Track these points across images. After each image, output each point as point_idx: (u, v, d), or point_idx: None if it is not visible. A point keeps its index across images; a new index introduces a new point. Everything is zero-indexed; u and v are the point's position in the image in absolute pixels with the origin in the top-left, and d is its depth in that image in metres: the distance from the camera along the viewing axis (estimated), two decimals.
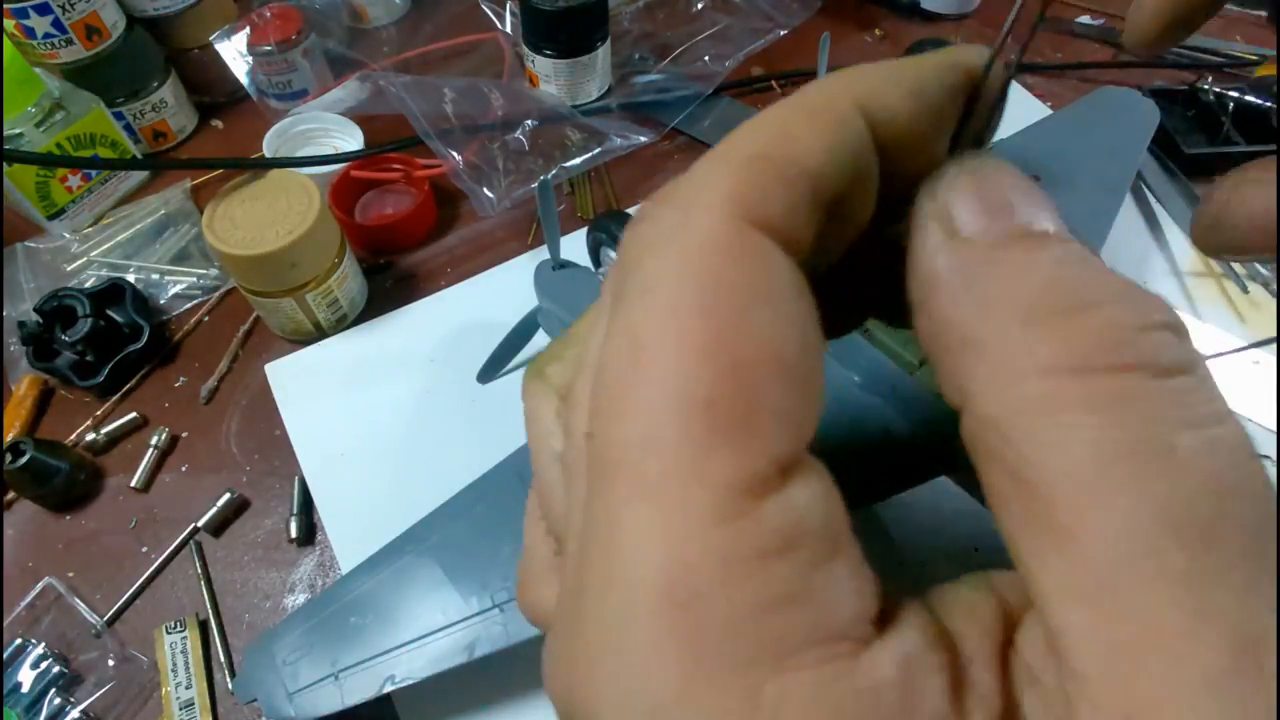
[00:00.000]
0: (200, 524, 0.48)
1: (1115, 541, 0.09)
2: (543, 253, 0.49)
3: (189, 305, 0.58)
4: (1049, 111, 0.68)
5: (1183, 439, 0.09)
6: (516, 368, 0.52)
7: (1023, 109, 0.67)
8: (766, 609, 0.09)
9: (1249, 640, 0.08)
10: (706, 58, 0.70)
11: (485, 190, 0.60)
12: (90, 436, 0.51)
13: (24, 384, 0.54)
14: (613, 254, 0.40)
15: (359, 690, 0.36)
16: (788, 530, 0.10)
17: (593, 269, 0.49)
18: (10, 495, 0.50)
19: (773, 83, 0.72)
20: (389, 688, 0.36)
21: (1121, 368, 0.09)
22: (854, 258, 0.13)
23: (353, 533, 0.46)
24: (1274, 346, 0.53)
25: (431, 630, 0.37)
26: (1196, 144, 0.63)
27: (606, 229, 0.40)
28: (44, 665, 0.43)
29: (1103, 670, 0.09)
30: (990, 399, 0.10)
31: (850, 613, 0.09)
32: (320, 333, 0.55)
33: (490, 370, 0.52)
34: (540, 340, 0.52)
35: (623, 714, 0.10)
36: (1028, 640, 0.10)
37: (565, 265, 0.47)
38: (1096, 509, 0.09)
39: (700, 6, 0.74)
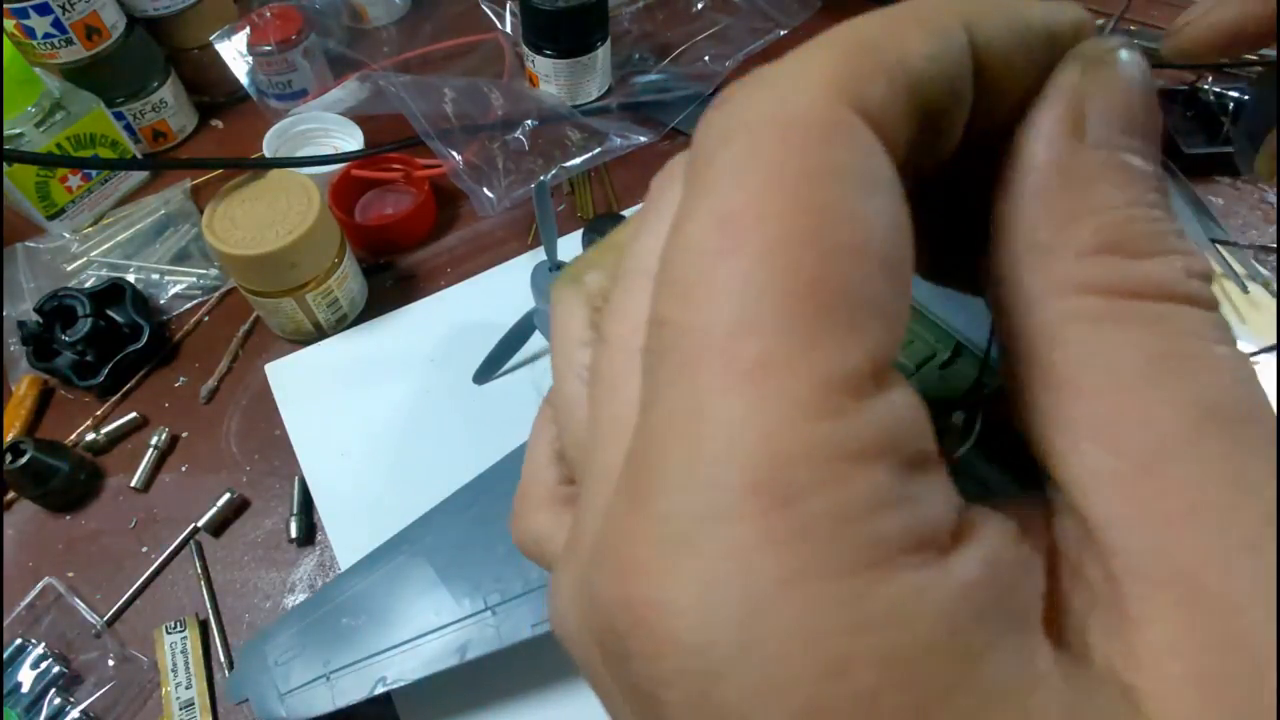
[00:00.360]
0: (200, 524, 0.48)
1: (1158, 428, 0.10)
2: (543, 253, 0.49)
3: (189, 305, 0.58)
4: None
5: (1219, 349, 0.10)
6: (512, 369, 0.52)
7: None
8: (868, 511, 0.09)
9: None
10: (706, 58, 0.70)
11: (485, 190, 0.60)
12: (90, 436, 0.51)
13: (24, 384, 0.54)
14: None
15: (351, 691, 0.36)
16: (886, 434, 0.09)
17: None
18: (10, 495, 0.50)
19: None
20: (380, 689, 0.36)
21: (1173, 298, 0.11)
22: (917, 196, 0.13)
23: (353, 533, 0.46)
24: (1273, 349, 0.53)
25: (424, 632, 0.37)
26: (1196, 144, 0.63)
27: (602, 231, 0.40)
28: (44, 665, 0.43)
29: (1147, 544, 0.10)
30: (1050, 304, 0.11)
31: (940, 519, 0.09)
32: (320, 333, 0.55)
33: (486, 371, 0.52)
34: (537, 343, 0.52)
35: (711, 619, 0.09)
36: (1061, 536, 0.11)
37: (562, 266, 0.48)
38: (1141, 401, 0.10)
39: (700, 6, 0.74)
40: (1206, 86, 0.64)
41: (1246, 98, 0.55)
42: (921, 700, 0.08)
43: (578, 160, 0.63)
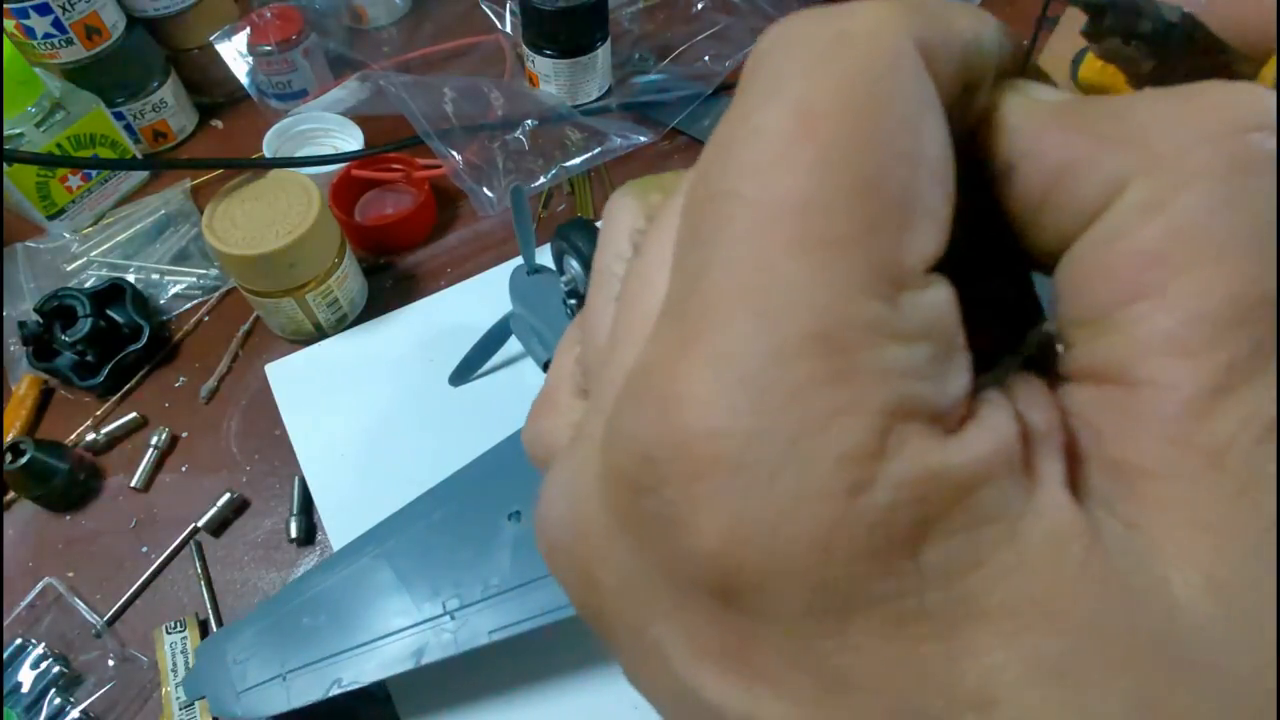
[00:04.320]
0: (200, 524, 0.48)
1: (1224, 302, 0.10)
2: (542, 253, 0.49)
3: (189, 305, 0.58)
4: None
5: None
6: (488, 373, 0.53)
7: None
8: (901, 376, 0.10)
9: None
10: (706, 58, 0.70)
11: (485, 190, 0.60)
12: (90, 436, 0.51)
13: (24, 384, 0.54)
14: (575, 264, 0.40)
15: (306, 691, 0.36)
16: (925, 324, 0.10)
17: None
18: (10, 495, 0.50)
19: None
20: (336, 690, 0.36)
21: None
22: None
23: (353, 533, 0.46)
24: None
25: (382, 635, 0.37)
26: None
27: (568, 238, 0.40)
28: (44, 665, 0.43)
29: (1190, 408, 0.10)
30: (1096, 255, 0.11)
31: (957, 398, 0.10)
32: (320, 333, 0.55)
33: (462, 374, 0.52)
34: (512, 347, 0.52)
35: (759, 441, 0.10)
36: (1079, 407, 0.11)
37: (539, 270, 0.48)
38: (1218, 273, 0.10)
39: (700, 6, 0.74)
40: None
41: None
42: (926, 515, 0.10)
43: (578, 160, 0.63)
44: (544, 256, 0.48)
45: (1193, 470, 0.10)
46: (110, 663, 0.44)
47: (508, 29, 0.72)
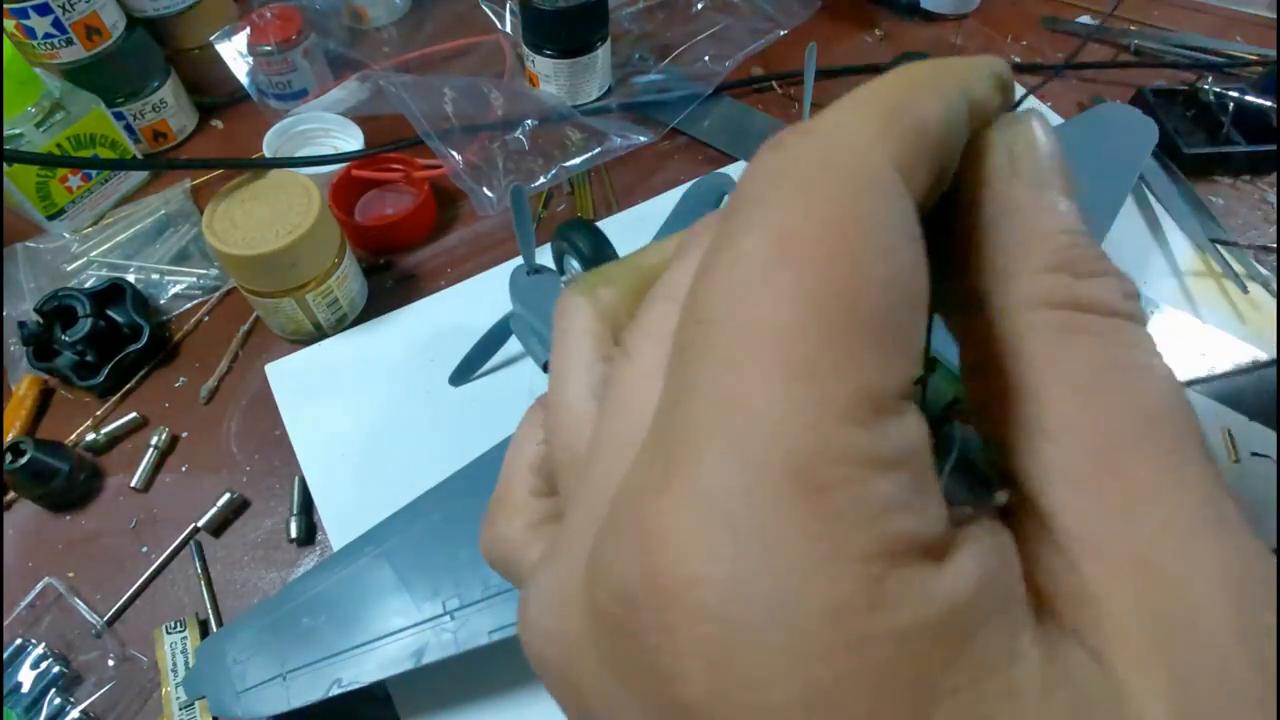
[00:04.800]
0: (200, 524, 0.48)
1: (1107, 429, 0.11)
2: (542, 253, 0.49)
3: (189, 305, 0.58)
4: (1049, 111, 0.68)
5: (1155, 360, 0.12)
6: (488, 373, 0.53)
7: (1022, 109, 0.67)
8: (885, 511, 0.10)
9: (1213, 499, 0.11)
10: (706, 58, 0.70)
11: (485, 190, 0.60)
12: (90, 436, 0.51)
13: (24, 384, 0.54)
14: (576, 264, 0.40)
15: (306, 692, 0.36)
16: (903, 450, 0.10)
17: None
18: (10, 495, 0.50)
19: (773, 83, 0.72)
20: (336, 691, 0.36)
21: (1115, 314, 0.12)
22: None
23: (353, 533, 0.46)
24: (1273, 353, 0.53)
25: (382, 635, 0.37)
26: (1196, 144, 0.63)
27: (568, 238, 0.40)
28: (44, 665, 0.43)
29: (1104, 529, 0.11)
30: (1010, 319, 0.13)
31: (940, 527, 0.11)
32: (320, 333, 0.55)
33: (462, 374, 0.52)
34: (512, 347, 0.52)
35: (743, 592, 0.09)
36: (1021, 527, 0.12)
37: (539, 270, 0.48)
38: (1092, 405, 0.12)
39: (700, 6, 0.74)
40: (1206, 86, 0.64)
41: None
42: (926, 671, 0.09)
43: (578, 160, 0.63)
44: (544, 256, 0.48)
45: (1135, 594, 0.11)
46: (110, 663, 0.44)
47: (508, 29, 0.72)
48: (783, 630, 0.09)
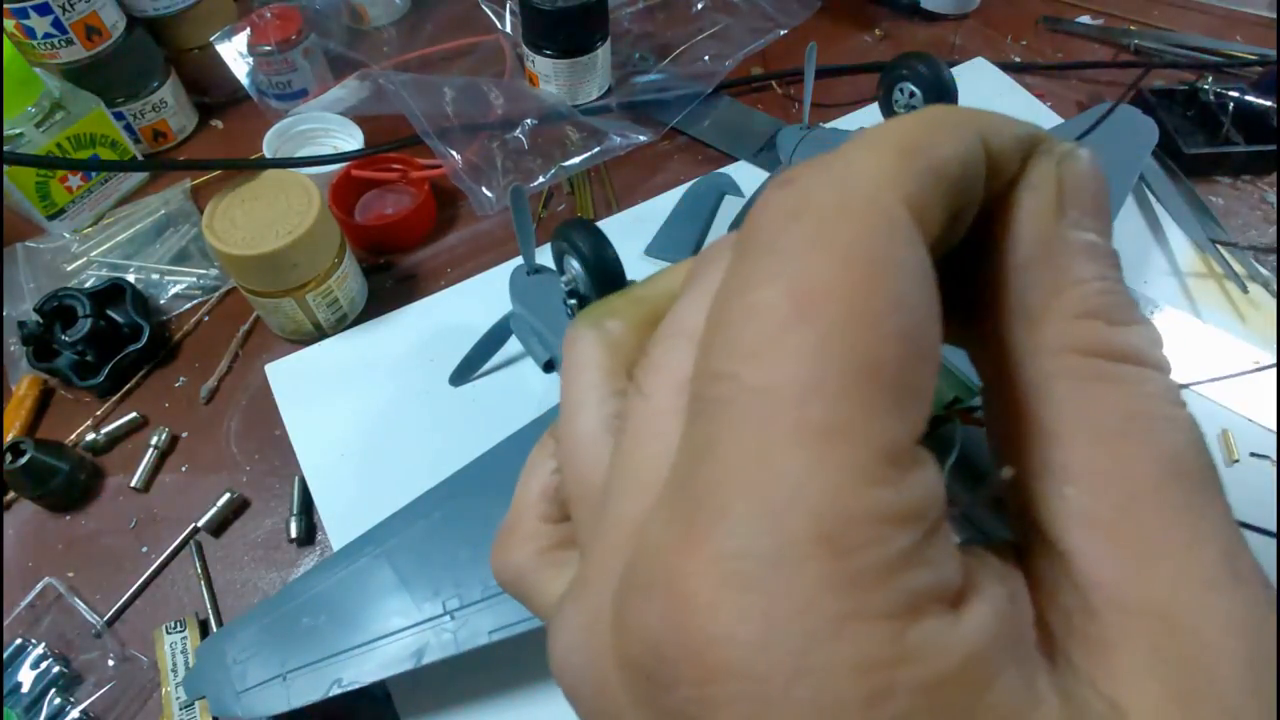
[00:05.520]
0: (200, 524, 0.48)
1: (1131, 478, 0.11)
2: (542, 253, 0.49)
3: (189, 305, 0.58)
4: (1048, 111, 0.68)
5: (1179, 411, 0.12)
6: (488, 373, 0.53)
7: (1022, 109, 0.67)
8: (904, 567, 0.10)
9: (1230, 553, 0.11)
10: (706, 58, 0.70)
11: (485, 190, 0.60)
12: (90, 436, 0.51)
13: (24, 384, 0.54)
14: (575, 264, 0.40)
15: (306, 692, 0.36)
16: (921, 503, 0.11)
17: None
18: (10, 495, 0.50)
19: (772, 83, 0.72)
20: (336, 690, 0.36)
21: (1143, 363, 0.12)
22: None
23: (353, 533, 0.46)
24: (1272, 356, 0.53)
25: (382, 635, 0.37)
26: (1196, 144, 0.63)
27: (568, 238, 0.40)
28: (44, 665, 0.43)
29: (1121, 577, 0.11)
30: (1039, 362, 0.13)
31: (953, 574, 0.11)
32: (320, 333, 0.55)
33: (463, 374, 0.52)
34: (512, 347, 0.52)
35: (771, 651, 0.10)
36: (1036, 570, 0.12)
37: (539, 270, 0.48)
38: (1117, 453, 0.12)
39: (700, 6, 0.74)
40: (1206, 86, 0.64)
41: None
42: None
43: (577, 160, 0.63)
44: (544, 256, 0.48)
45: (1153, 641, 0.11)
46: (110, 663, 0.44)
47: (508, 29, 0.72)
48: (811, 686, 0.10)
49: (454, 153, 0.61)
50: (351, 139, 0.62)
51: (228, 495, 0.48)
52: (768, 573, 0.10)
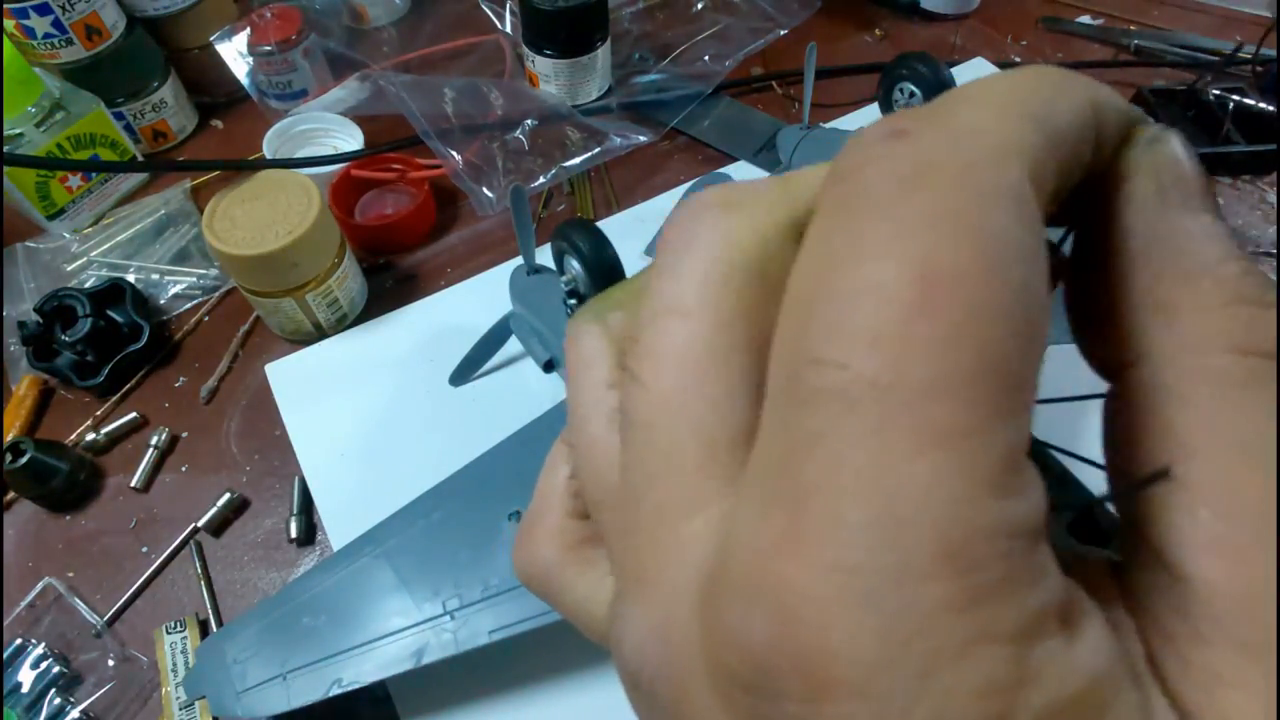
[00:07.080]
0: (200, 524, 0.48)
1: (1262, 502, 0.10)
2: (542, 253, 0.49)
3: (189, 305, 0.58)
4: None
5: None
6: (488, 373, 0.53)
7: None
8: (1026, 585, 0.09)
9: None
10: (706, 58, 0.70)
11: (485, 190, 0.60)
12: (90, 436, 0.51)
13: (24, 384, 0.54)
14: (575, 264, 0.40)
15: (306, 691, 0.36)
16: (1036, 513, 0.10)
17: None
18: (10, 495, 0.50)
19: (773, 83, 0.72)
20: (336, 691, 0.36)
21: None
22: None
23: (353, 533, 0.46)
24: None
25: (382, 635, 0.37)
26: (1196, 144, 0.63)
27: (568, 238, 0.40)
28: (44, 665, 0.43)
29: (1247, 613, 0.10)
30: (1180, 361, 0.11)
31: (1064, 591, 0.10)
32: (320, 333, 0.55)
33: (462, 374, 0.52)
34: (512, 347, 0.52)
35: (891, 672, 0.09)
36: (1138, 588, 0.11)
37: (539, 270, 0.48)
38: (1261, 472, 0.10)
39: (700, 6, 0.74)
40: (1206, 87, 0.64)
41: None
42: None
43: (578, 160, 0.63)
44: (544, 256, 0.48)
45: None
46: (110, 663, 0.44)
47: (508, 29, 0.72)
48: (932, 709, 0.09)
49: (454, 153, 0.60)
50: (351, 139, 0.62)
51: (228, 495, 0.48)
52: (890, 590, 0.09)
